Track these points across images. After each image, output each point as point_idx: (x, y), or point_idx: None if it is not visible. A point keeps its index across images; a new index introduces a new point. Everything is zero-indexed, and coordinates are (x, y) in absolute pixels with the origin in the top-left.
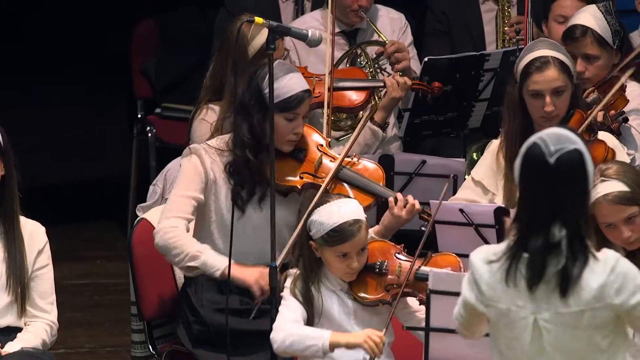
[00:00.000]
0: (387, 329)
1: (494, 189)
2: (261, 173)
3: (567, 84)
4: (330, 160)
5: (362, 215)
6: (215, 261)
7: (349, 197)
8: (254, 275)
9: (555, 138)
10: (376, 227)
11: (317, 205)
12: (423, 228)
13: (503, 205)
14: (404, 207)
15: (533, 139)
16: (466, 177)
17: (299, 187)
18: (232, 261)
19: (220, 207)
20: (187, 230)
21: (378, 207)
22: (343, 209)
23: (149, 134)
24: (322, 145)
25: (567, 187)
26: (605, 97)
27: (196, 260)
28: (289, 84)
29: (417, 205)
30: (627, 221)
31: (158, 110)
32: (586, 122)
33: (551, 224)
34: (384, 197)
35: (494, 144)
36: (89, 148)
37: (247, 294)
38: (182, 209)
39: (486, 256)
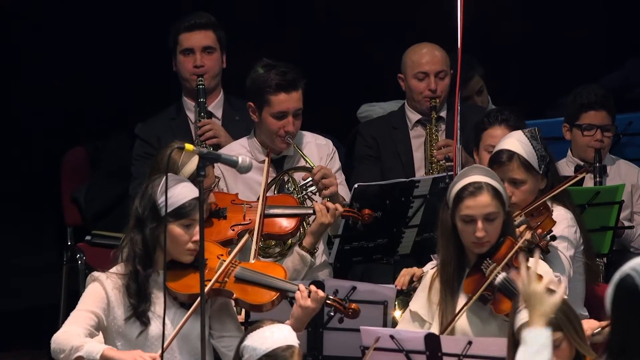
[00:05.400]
0: None
1: (430, 319)
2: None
3: (499, 210)
4: (231, 266)
5: (295, 341)
6: (96, 347)
7: (278, 322)
8: (131, 353)
9: None
10: (288, 322)
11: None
12: (332, 313)
13: (434, 332)
14: (309, 296)
15: (626, 270)
16: (396, 303)
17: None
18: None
19: (120, 328)
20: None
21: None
22: (276, 335)
23: (79, 262)
24: (222, 255)
25: None
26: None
27: (79, 351)
28: (182, 192)
29: (321, 293)
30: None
31: (88, 237)
32: (514, 249)
33: None
34: (288, 290)
35: (428, 275)
36: (18, 276)
37: None
38: (79, 321)
39: None
